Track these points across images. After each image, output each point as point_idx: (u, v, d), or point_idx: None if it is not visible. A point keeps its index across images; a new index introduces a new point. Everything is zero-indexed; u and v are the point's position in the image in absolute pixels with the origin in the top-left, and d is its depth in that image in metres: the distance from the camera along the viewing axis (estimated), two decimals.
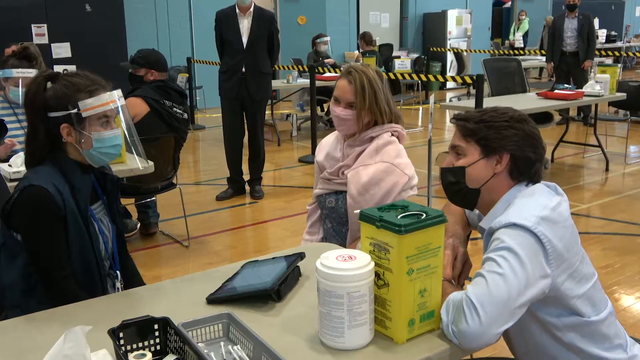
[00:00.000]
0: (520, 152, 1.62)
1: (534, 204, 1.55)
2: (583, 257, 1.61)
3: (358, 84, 2.27)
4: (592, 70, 7.32)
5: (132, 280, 2.11)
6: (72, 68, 7.59)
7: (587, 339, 1.59)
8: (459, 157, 1.68)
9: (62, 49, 8.76)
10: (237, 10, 5.26)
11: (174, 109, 4.16)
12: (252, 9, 5.26)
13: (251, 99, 5.37)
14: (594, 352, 1.59)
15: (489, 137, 1.63)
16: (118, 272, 2.03)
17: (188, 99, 9.14)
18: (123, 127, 2.00)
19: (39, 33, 8.63)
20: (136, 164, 2.07)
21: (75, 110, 1.80)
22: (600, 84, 5.89)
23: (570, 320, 1.58)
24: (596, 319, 1.58)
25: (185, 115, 4.28)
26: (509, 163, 1.63)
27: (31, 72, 3.34)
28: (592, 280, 1.61)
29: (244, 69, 5.30)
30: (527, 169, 1.64)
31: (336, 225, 2.44)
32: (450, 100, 11.51)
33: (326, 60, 9.77)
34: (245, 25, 5.26)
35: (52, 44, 8.65)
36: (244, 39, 5.27)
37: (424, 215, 1.43)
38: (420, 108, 10.93)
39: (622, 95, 6.12)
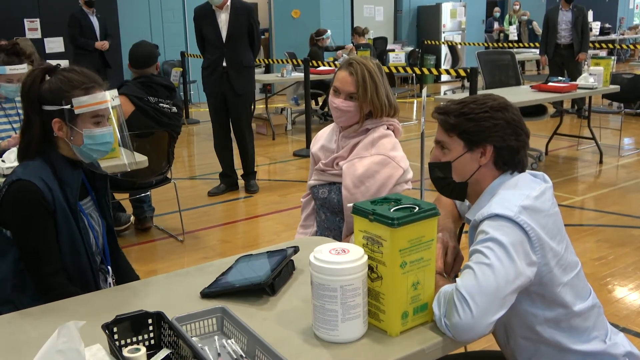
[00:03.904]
0: (502, 142, 1.63)
1: (516, 194, 1.56)
2: (568, 245, 1.62)
3: (359, 76, 2.26)
4: (586, 62, 7.32)
5: (126, 274, 2.10)
6: (65, 63, 7.56)
7: (566, 333, 1.60)
8: (444, 151, 1.69)
9: (55, 44, 8.73)
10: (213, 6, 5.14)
11: (160, 104, 4.12)
12: (229, 3, 5.13)
13: (234, 94, 5.25)
14: (571, 347, 1.61)
15: (471, 131, 1.63)
16: (109, 267, 2.03)
17: (181, 92, 9.20)
18: (115, 126, 1.99)
19: (32, 27, 8.60)
20: (125, 161, 2.07)
21: (68, 107, 1.79)
22: (594, 76, 5.90)
23: (552, 314, 1.59)
24: (578, 310, 1.59)
25: (175, 109, 4.23)
26: (493, 154, 1.64)
27: (23, 68, 3.33)
28: (576, 269, 1.63)
29: (224, 64, 5.20)
30: (510, 157, 1.65)
31: (330, 215, 2.44)
32: (444, 93, 11.51)
33: (338, 52, 9.64)
34: (223, 19, 5.14)
35: (45, 39, 8.62)
36: (223, 34, 5.15)
37: (417, 208, 1.43)
38: (415, 101, 10.93)
39: (615, 88, 6.13)
